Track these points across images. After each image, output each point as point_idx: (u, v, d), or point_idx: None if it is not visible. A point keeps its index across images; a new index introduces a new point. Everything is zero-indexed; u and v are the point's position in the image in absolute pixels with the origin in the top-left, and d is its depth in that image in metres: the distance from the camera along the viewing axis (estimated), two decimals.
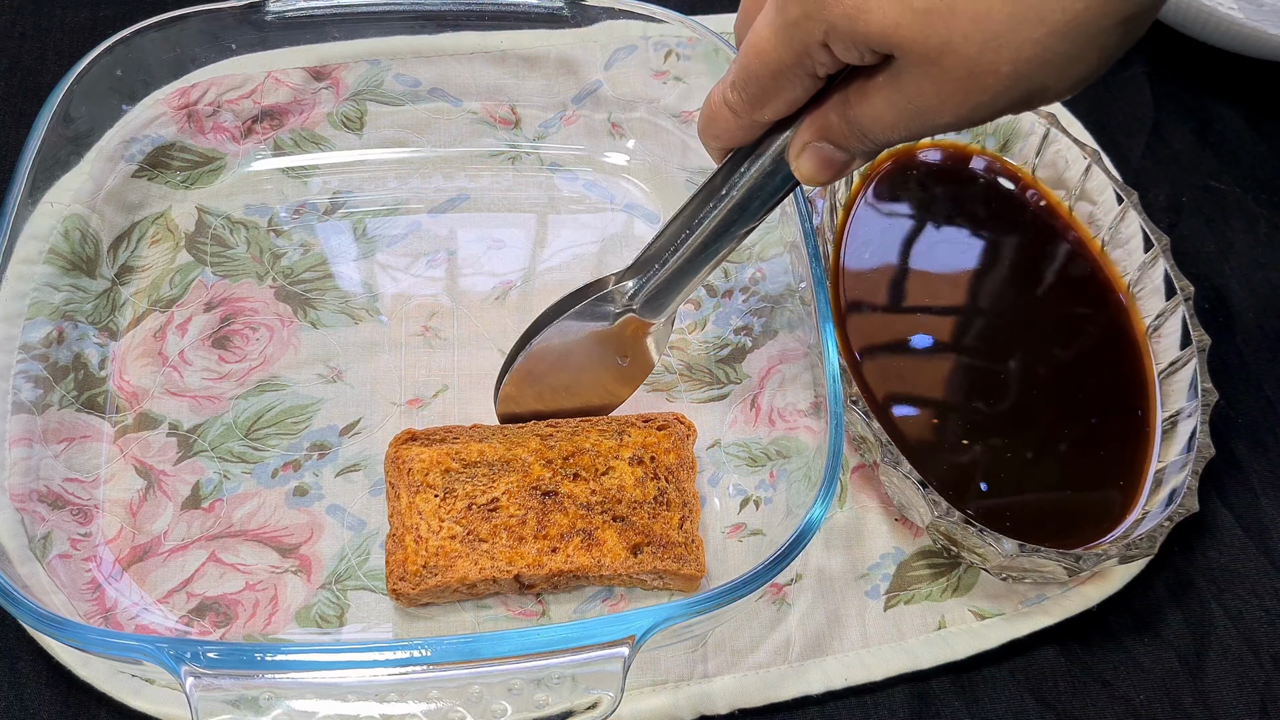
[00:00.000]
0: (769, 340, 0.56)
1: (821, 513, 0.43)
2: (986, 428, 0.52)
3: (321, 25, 0.59)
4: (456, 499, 0.49)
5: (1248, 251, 0.62)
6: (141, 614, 0.48)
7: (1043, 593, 0.51)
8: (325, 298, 0.56)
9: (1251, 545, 0.54)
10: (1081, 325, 0.55)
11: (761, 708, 0.48)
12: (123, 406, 0.53)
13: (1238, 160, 0.66)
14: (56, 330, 0.53)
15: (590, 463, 0.50)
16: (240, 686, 0.38)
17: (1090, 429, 0.52)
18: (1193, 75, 0.68)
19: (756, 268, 0.58)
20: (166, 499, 0.51)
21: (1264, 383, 0.58)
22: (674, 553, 0.48)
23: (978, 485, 0.50)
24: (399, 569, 0.47)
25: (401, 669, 0.38)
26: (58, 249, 0.54)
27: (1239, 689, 0.50)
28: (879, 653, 0.49)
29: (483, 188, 0.60)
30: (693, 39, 0.59)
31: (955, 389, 0.53)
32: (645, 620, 0.40)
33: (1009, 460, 0.51)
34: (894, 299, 0.55)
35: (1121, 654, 0.51)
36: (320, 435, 0.53)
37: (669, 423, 0.51)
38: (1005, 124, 0.59)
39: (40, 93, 0.60)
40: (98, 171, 0.56)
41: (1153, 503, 0.50)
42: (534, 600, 0.50)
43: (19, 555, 0.47)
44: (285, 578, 0.49)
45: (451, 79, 0.62)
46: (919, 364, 0.53)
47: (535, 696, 0.39)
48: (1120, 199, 0.56)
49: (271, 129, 0.60)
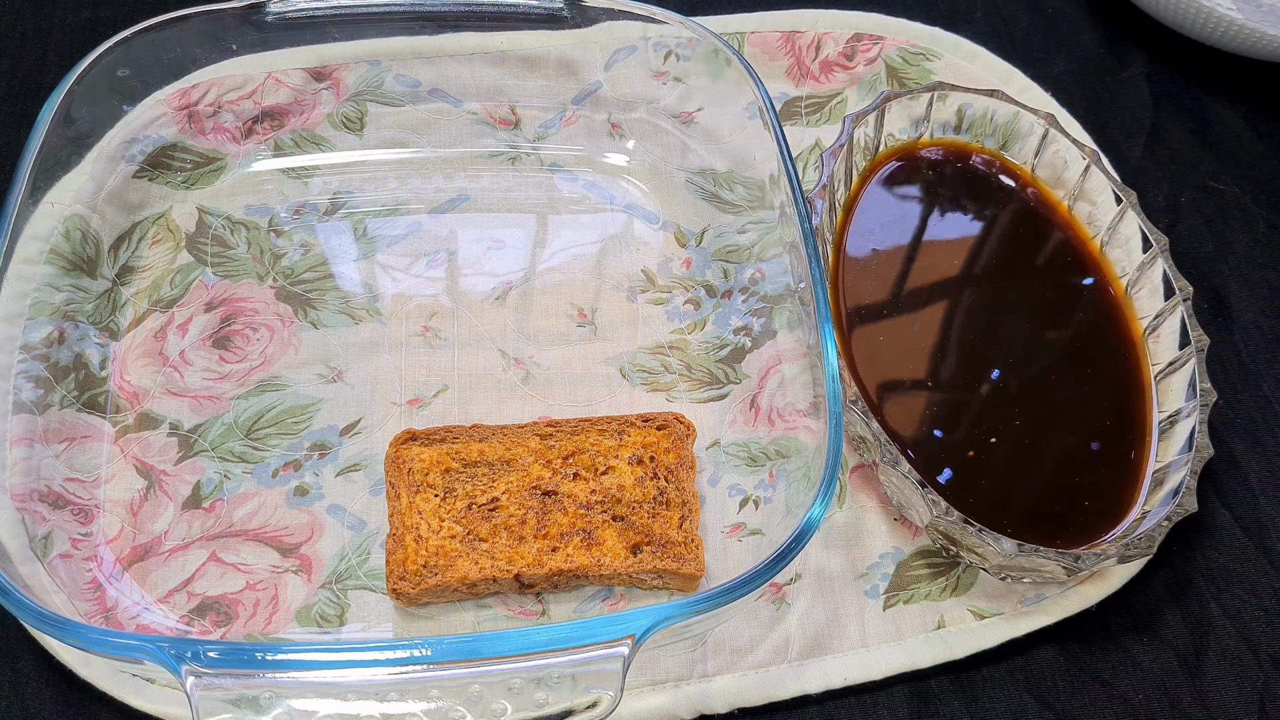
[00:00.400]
0: (769, 340, 0.56)
1: (821, 512, 0.43)
2: (986, 427, 0.52)
3: (322, 26, 0.59)
4: (456, 499, 0.49)
5: (1246, 252, 0.62)
6: (142, 614, 0.48)
7: (1042, 592, 0.51)
8: (326, 298, 0.56)
9: (1250, 545, 0.54)
10: (1080, 325, 0.55)
11: (761, 707, 0.48)
12: (123, 406, 0.53)
13: (1237, 160, 0.66)
14: (57, 330, 0.53)
15: (590, 462, 0.50)
16: (241, 686, 0.38)
17: (1089, 429, 0.52)
18: (1192, 75, 0.69)
19: (756, 268, 0.58)
20: (167, 499, 0.51)
21: (1263, 383, 0.58)
22: (674, 552, 0.48)
23: (977, 485, 0.50)
24: (399, 568, 0.48)
25: (401, 668, 0.38)
26: (58, 249, 0.54)
27: (1238, 688, 0.50)
28: (878, 652, 0.49)
29: (483, 188, 0.60)
30: (692, 40, 0.59)
31: (955, 389, 0.53)
32: (645, 620, 0.40)
33: (1008, 460, 0.51)
34: (893, 299, 0.55)
35: (1120, 653, 0.51)
36: (320, 435, 0.53)
37: (669, 422, 0.52)
38: (1005, 124, 0.59)
39: (41, 93, 0.60)
40: (98, 172, 0.56)
41: (1151, 502, 0.50)
42: (534, 600, 0.50)
43: (20, 555, 0.47)
44: (286, 577, 0.50)
45: (452, 79, 0.62)
46: (918, 364, 0.53)
47: (535, 696, 0.39)
48: (1119, 199, 0.56)
49: (272, 129, 0.61)
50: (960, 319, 0.55)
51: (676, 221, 0.60)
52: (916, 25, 0.65)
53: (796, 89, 0.64)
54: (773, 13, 0.65)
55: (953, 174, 0.59)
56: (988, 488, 0.50)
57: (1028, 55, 0.68)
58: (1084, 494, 0.51)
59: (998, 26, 0.70)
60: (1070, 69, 0.68)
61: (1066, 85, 0.67)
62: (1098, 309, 0.56)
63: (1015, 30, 0.70)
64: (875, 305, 0.55)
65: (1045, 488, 0.51)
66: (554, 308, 0.57)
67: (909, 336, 0.54)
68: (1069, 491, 0.51)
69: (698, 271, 0.58)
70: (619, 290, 0.58)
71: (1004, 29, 0.70)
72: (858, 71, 0.64)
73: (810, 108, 0.64)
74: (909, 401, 0.52)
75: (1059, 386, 0.53)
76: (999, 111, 0.58)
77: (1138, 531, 0.48)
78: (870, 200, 0.57)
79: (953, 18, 0.68)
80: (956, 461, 0.51)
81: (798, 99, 0.64)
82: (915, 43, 0.65)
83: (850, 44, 0.65)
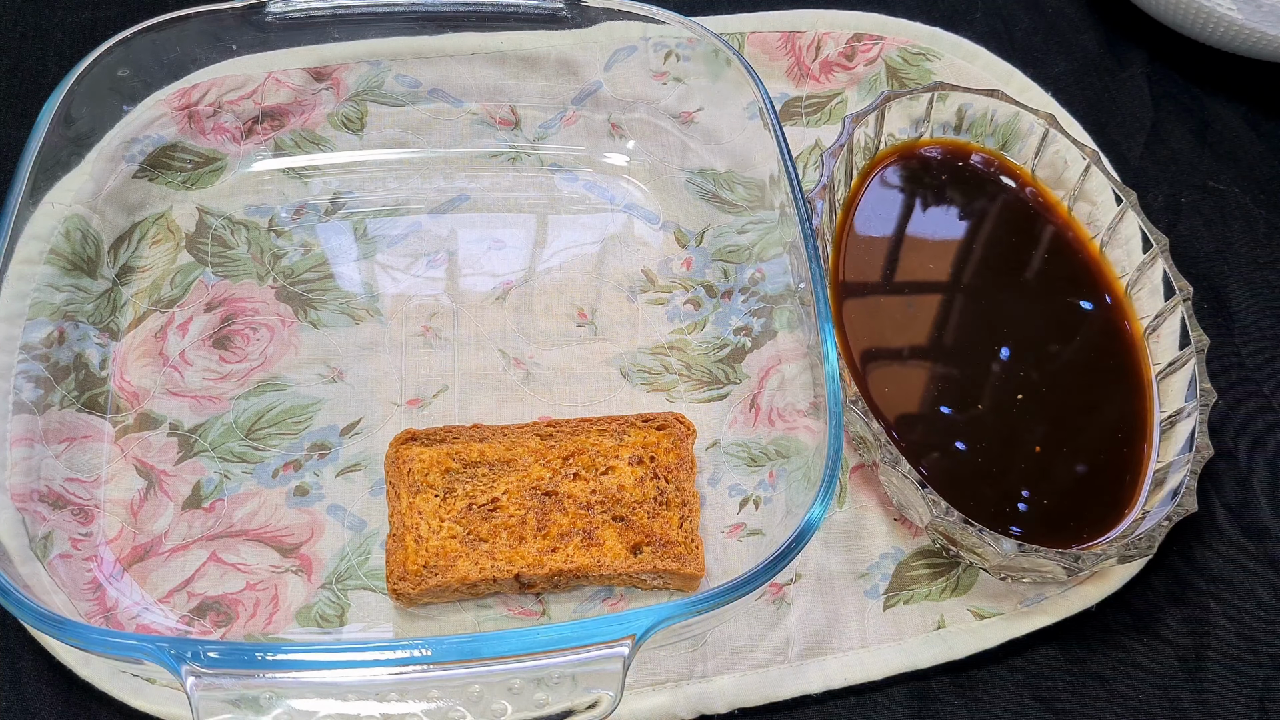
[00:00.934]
0: (769, 340, 0.56)
1: (821, 512, 0.43)
2: (986, 427, 0.52)
3: (322, 26, 0.59)
4: (456, 499, 0.49)
5: (1246, 252, 0.62)
6: (142, 614, 0.48)
7: (1042, 592, 0.51)
8: (326, 298, 0.56)
9: (1250, 545, 0.54)
10: (1080, 325, 0.55)
11: (761, 707, 0.48)
12: (123, 406, 0.53)
13: (1236, 160, 0.66)
14: (57, 330, 0.53)
15: (590, 462, 0.50)
16: (241, 686, 0.38)
17: (1089, 429, 0.52)
18: (1192, 76, 0.69)
19: (756, 268, 0.58)
20: (167, 499, 0.51)
21: (1263, 383, 0.58)
22: (674, 552, 0.48)
23: (977, 485, 0.50)
24: (399, 569, 0.48)
25: (402, 668, 0.38)
26: (58, 249, 0.54)
27: (1238, 689, 0.50)
28: (878, 652, 0.50)
29: (483, 188, 0.60)
30: (692, 40, 0.59)
31: (955, 389, 0.53)
32: (645, 620, 0.40)
33: (1008, 460, 0.51)
34: (893, 299, 0.55)
35: (1120, 653, 0.51)
36: (321, 435, 0.53)
37: (669, 422, 0.52)
38: (1005, 124, 0.59)
39: (41, 93, 0.60)
40: (98, 172, 0.56)
41: (1151, 502, 0.50)
42: (534, 600, 0.50)
43: (20, 555, 0.47)
44: (286, 577, 0.50)
45: (452, 80, 0.62)
46: (918, 364, 0.53)
47: (535, 696, 0.39)
48: (1119, 199, 0.56)
49: (272, 129, 0.61)
50: (961, 319, 0.55)
51: (676, 221, 0.60)
52: (916, 25, 0.65)
53: (796, 89, 0.64)
54: (773, 13, 0.65)
55: (953, 174, 0.59)
56: (988, 488, 0.50)
57: (1028, 55, 0.68)
58: (1085, 494, 0.51)
59: (998, 26, 0.70)
60: (1070, 69, 0.68)
61: (1066, 85, 0.67)
62: (1097, 309, 0.56)
63: (1015, 30, 0.70)
64: (875, 305, 0.55)
65: (1046, 488, 0.51)
66: (554, 308, 0.57)
67: (909, 336, 0.54)
68: (1070, 491, 0.51)
69: (698, 271, 0.58)
70: (619, 290, 0.58)
71: (1004, 29, 0.70)
72: (858, 71, 0.65)
73: (810, 108, 0.64)
74: (909, 401, 0.52)
75: (1060, 386, 0.53)
76: (999, 111, 0.58)
77: (1138, 531, 0.48)
78: (870, 200, 0.57)
79: (953, 18, 0.68)
80: (957, 461, 0.51)
81: (798, 99, 0.64)
82: (915, 43, 0.65)
83: (850, 44, 0.65)
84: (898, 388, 0.52)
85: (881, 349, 0.53)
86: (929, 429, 0.52)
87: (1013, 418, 0.52)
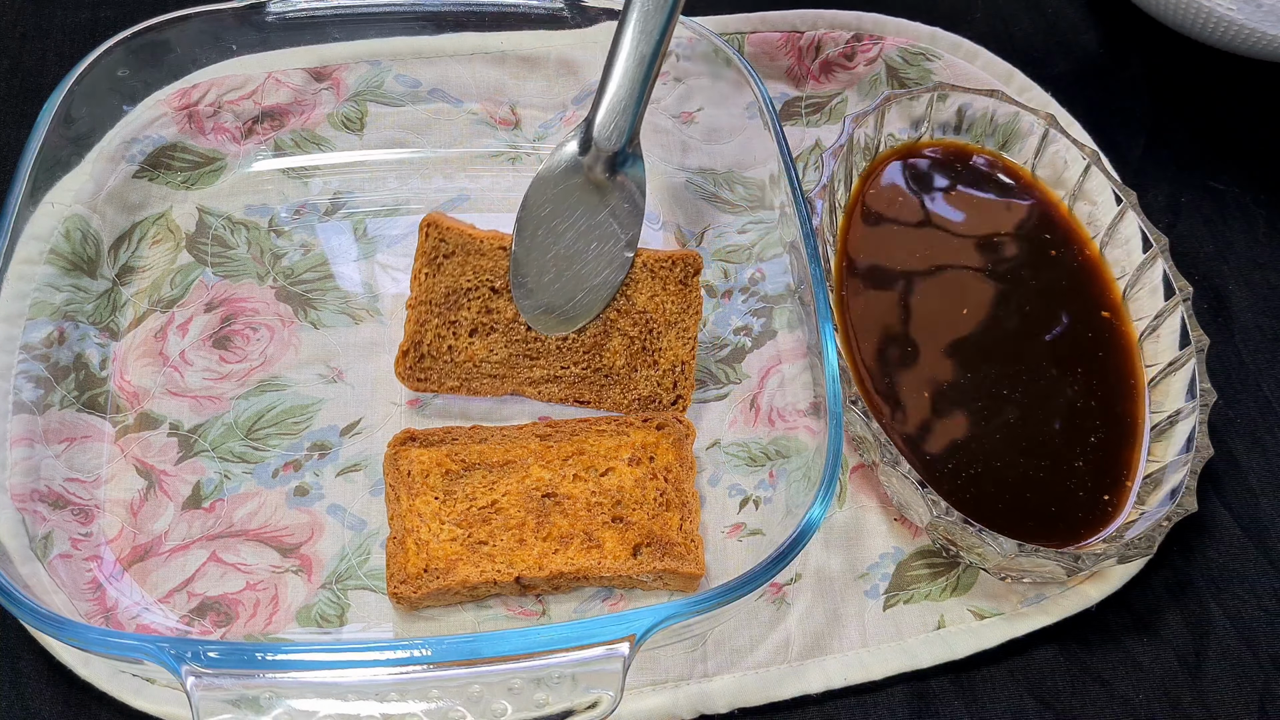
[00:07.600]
0: (769, 340, 0.56)
1: (821, 512, 0.43)
2: (985, 427, 0.52)
3: (322, 26, 0.59)
4: (456, 501, 0.49)
5: (1246, 252, 0.62)
6: (142, 614, 0.48)
7: (1042, 592, 0.51)
8: (326, 298, 0.56)
9: (1250, 545, 0.54)
10: (1080, 325, 0.55)
11: (761, 707, 0.48)
12: (123, 406, 0.53)
13: (1237, 160, 0.66)
14: (57, 330, 0.53)
15: (590, 463, 0.50)
16: (241, 686, 0.38)
17: (1088, 428, 0.52)
18: (1192, 76, 0.69)
19: (756, 268, 0.58)
20: (167, 499, 0.51)
21: (1262, 383, 0.58)
22: (674, 553, 0.48)
23: (977, 485, 0.50)
24: (400, 573, 0.48)
25: (402, 668, 0.38)
26: (59, 249, 0.54)
27: (1237, 688, 0.50)
28: (878, 652, 0.50)
29: (483, 188, 0.60)
30: (692, 39, 0.59)
31: (954, 388, 0.53)
32: (645, 620, 0.40)
33: (1008, 460, 0.51)
34: (892, 299, 0.55)
35: (1120, 653, 0.51)
36: (321, 435, 0.53)
37: (668, 423, 0.52)
38: (1005, 124, 0.59)
39: (41, 93, 0.60)
40: (98, 172, 0.56)
41: (1151, 502, 0.50)
42: (534, 600, 0.50)
43: (20, 555, 0.47)
44: (286, 577, 0.50)
45: (452, 80, 0.62)
46: (918, 364, 0.53)
47: (535, 696, 0.39)
48: (1119, 199, 0.56)
49: (272, 129, 0.61)
50: (959, 319, 0.55)
51: (676, 221, 0.60)
52: (916, 25, 0.65)
53: (796, 89, 0.64)
54: (773, 13, 0.65)
55: (953, 174, 0.59)
56: (988, 488, 0.50)
57: (1028, 55, 0.68)
58: (1085, 494, 0.51)
59: (998, 26, 0.70)
60: (1070, 69, 0.68)
61: (1066, 85, 0.67)
62: (1097, 309, 0.56)
63: (1015, 30, 0.70)
64: (875, 305, 0.55)
65: (1045, 487, 0.51)
66: None
67: (909, 336, 0.54)
68: (1069, 491, 0.51)
69: None
70: None
71: (1004, 29, 0.70)
72: (858, 72, 0.64)
73: (810, 108, 0.64)
74: (909, 401, 0.52)
75: (1059, 386, 0.53)
76: (999, 112, 0.58)
77: (1138, 531, 0.48)
78: (870, 200, 0.58)
79: (953, 18, 0.68)
80: (956, 461, 0.51)
81: (798, 99, 0.64)
82: (915, 43, 0.65)
83: (850, 44, 0.65)
84: (898, 387, 0.52)
85: (881, 349, 0.53)
86: (929, 429, 0.52)
87: (1012, 416, 0.52)
